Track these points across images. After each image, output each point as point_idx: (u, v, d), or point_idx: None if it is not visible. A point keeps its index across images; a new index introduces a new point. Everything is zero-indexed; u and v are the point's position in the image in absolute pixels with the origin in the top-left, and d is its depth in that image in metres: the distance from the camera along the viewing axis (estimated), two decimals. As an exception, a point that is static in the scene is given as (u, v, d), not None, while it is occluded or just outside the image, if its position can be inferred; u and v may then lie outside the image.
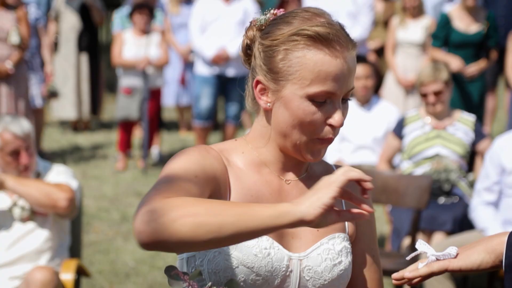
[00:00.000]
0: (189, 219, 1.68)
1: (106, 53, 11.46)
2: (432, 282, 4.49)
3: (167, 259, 6.09)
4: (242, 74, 8.46)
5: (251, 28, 2.00)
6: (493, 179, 4.77)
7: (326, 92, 1.89)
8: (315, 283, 1.97)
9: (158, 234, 1.68)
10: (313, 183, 1.96)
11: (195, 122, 8.70)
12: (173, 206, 1.70)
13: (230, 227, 1.69)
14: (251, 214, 1.70)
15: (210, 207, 1.70)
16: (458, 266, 1.80)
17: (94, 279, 5.66)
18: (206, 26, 8.37)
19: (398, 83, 8.16)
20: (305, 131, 1.92)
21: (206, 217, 1.68)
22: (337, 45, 1.89)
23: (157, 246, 1.70)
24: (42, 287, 3.99)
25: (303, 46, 1.89)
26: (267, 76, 1.94)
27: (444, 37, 7.45)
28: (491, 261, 1.79)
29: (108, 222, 6.99)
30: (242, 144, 2.03)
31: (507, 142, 4.79)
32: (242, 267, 1.89)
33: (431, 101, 5.51)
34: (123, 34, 8.81)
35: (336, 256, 2.00)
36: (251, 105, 2.03)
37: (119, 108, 8.69)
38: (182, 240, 1.68)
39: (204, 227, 1.68)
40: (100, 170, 8.77)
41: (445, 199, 5.35)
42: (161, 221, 1.68)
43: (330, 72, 1.88)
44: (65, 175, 4.33)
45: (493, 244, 1.79)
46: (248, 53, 2.02)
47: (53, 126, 10.90)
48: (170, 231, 1.68)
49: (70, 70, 10.00)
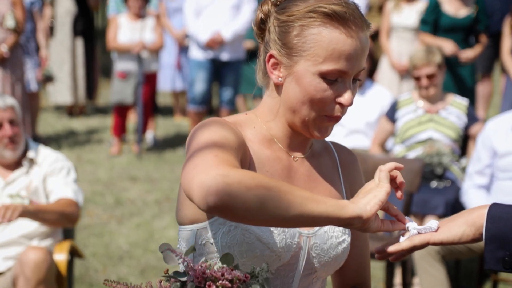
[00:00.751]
0: (263, 191, 1.70)
1: (102, 38, 11.47)
2: (424, 266, 4.50)
3: (160, 242, 6.11)
4: (236, 58, 8.47)
5: (266, 3, 2.01)
6: (485, 162, 4.79)
7: (338, 70, 1.91)
8: (321, 260, 2.01)
9: (231, 199, 1.68)
10: (316, 161, 2.05)
11: (189, 107, 8.71)
12: (249, 176, 1.71)
13: (297, 208, 1.72)
14: (316, 200, 1.74)
15: (282, 185, 1.73)
16: (439, 239, 1.82)
17: (88, 261, 5.68)
18: (200, 10, 8.36)
19: (392, 67, 8.16)
20: (314, 108, 1.94)
21: (278, 193, 1.71)
22: (353, 25, 1.91)
23: (222, 209, 1.70)
24: (36, 267, 4.00)
25: (319, 23, 1.90)
26: (281, 51, 1.95)
27: (434, 22, 7.44)
28: (472, 233, 1.81)
29: (102, 206, 7.01)
30: (253, 119, 2.04)
31: (499, 125, 4.81)
32: (258, 243, 1.91)
33: (424, 84, 5.52)
34: (118, 18, 8.80)
35: (341, 234, 2.04)
36: (261, 79, 2.05)
37: (113, 92, 8.69)
38: (250, 210, 1.70)
39: (274, 203, 1.70)
40: (95, 154, 8.78)
41: (438, 183, 5.37)
42: (236, 187, 1.68)
43: (344, 51, 1.90)
44: (67, 180, 4.31)
45: (473, 217, 1.81)
46: (262, 27, 2.03)
47: (49, 111, 10.90)
48: (243, 198, 1.69)
49: (66, 54, 9.99)
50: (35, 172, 4.32)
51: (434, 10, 7.44)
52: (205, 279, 1.76)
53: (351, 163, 2.15)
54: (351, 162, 2.15)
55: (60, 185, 4.29)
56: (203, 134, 1.86)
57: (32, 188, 4.29)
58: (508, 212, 1.78)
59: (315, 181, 2.06)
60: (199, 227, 1.96)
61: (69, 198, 4.25)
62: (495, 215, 1.78)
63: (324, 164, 2.10)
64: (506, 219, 1.77)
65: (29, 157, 4.33)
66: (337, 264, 2.05)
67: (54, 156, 4.38)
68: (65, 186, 4.29)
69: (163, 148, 9.13)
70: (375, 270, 5.44)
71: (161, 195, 7.35)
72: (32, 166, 4.34)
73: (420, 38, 7.58)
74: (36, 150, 4.37)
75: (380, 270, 5.49)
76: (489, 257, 1.78)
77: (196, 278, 1.76)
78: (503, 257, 1.77)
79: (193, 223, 1.97)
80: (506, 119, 4.81)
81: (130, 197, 7.30)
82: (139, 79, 8.58)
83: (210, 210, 1.71)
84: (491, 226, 1.78)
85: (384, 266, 4.84)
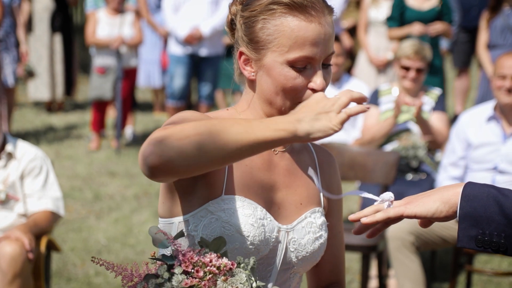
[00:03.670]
0: (194, 138, 1.74)
1: (80, 34, 11.43)
2: (399, 258, 4.54)
3: (139, 237, 6.13)
4: (215, 53, 8.48)
5: (234, 3, 2.06)
6: (459, 154, 4.84)
7: (305, 57, 1.95)
8: (298, 255, 2.04)
9: (166, 153, 1.73)
10: (296, 156, 2.08)
11: (168, 102, 8.71)
12: (178, 129, 1.76)
13: (234, 144, 1.75)
14: (251, 131, 1.76)
15: (213, 125, 1.76)
16: (413, 212, 1.85)
17: (66, 256, 5.68)
18: (179, 5, 8.36)
19: (370, 62, 8.20)
20: (288, 97, 1.98)
21: (210, 136, 1.74)
22: (312, 11, 1.95)
23: (165, 168, 1.74)
24: (12, 261, 4.00)
25: (280, 14, 1.95)
26: (249, 47, 1.99)
27: (399, 16, 7.49)
28: (445, 210, 1.84)
29: (81, 201, 7.01)
30: (234, 114, 2.07)
31: (473, 118, 4.86)
32: (238, 235, 1.94)
33: (412, 76, 5.52)
34: (97, 13, 8.79)
35: (318, 230, 2.07)
36: (238, 77, 2.09)
37: (92, 88, 8.68)
38: (189, 158, 1.74)
39: (209, 145, 1.74)
40: (74, 150, 8.77)
41: (413, 176, 5.41)
42: (168, 141, 1.74)
43: (307, 37, 1.94)
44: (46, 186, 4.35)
45: (448, 194, 1.84)
46: (233, 28, 2.07)
47: (27, 107, 10.87)
48: (177, 150, 1.73)
49: (44, 50, 9.96)
50: (12, 166, 4.32)
51: (399, 5, 7.49)
52: (193, 264, 1.79)
53: (328, 163, 2.18)
54: (328, 162, 2.18)
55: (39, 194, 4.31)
56: (168, 120, 1.93)
57: (9, 182, 4.29)
58: (483, 191, 1.81)
59: (294, 175, 2.08)
60: (180, 220, 1.98)
61: (49, 211, 4.31)
62: (469, 194, 1.81)
63: (303, 160, 2.13)
64: (480, 198, 1.80)
65: (7, 151, 4.32)
66: (314, 259, 2.08)
67: (33, 152, 4.37)
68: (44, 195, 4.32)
69: (142, 143, 9.09)
70: (351, 262, 5.48)
71: (139, 190, 7.36)
72: (10, 160, 4.33)
73: (389, 35, 7.62)
74: (14, 145, 4.36)
75: (356, 262, 5.52)
76: (462, 235, 1.81)
77: (184, 263, 1.79)
78: (476, 236, 1.80)
79: (175, 216, 2.00)
80: (480, 111, 4.87)
81: (108, 192, 7.30)
82: (118, 74, 8.58)
83: (156, 173, 1.75)
84: (465, 204, 1.81)
85: (360, 258, 4.88)
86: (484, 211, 1.79)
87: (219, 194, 1.96)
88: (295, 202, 2.06)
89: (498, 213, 1.79)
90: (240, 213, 1.94)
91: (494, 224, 1.78)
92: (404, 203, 1.87)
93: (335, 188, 2.17)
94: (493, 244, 1.79)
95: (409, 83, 5.54)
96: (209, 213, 1.94)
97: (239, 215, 1.94)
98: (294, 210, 2.05)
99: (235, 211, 1.94)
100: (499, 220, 1.78)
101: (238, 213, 1.94)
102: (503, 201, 1.80)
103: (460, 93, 9.72)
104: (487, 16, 7.90)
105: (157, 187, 7.36)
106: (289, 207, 2.05)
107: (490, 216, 1.79)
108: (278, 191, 2.04)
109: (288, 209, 2.05)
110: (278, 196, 2.04)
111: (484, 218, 1.79)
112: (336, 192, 2.16)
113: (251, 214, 1.95)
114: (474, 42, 8.77)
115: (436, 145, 5.46)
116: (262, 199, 2.00)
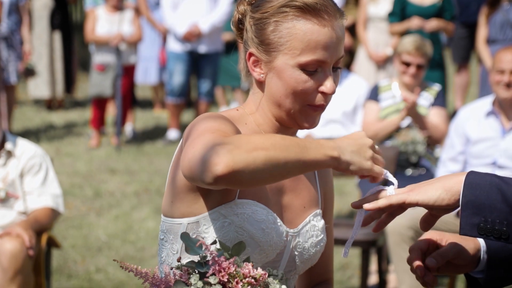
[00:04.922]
0: (262, 152, 1.75)
1: (79, 32, 11.43)
2: (399, 252, 4.55)
3: (139, 234, 6.14)
4: (214, 50, 8.49)
5: (242, 3, 2.05)
6: (458, 149, 4.84)
7: (316, 60, 1.95)
8: (302, 258, 2.07)
9: (236, 164, 1.73)
10: None
11: (168, 99, 8.72)
12: (244, 140, 1.77)
13: (294, 163, 1.78)
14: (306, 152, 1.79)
15: (276, 142, 1.78)
16: (415, 200, 1.86)
17: (67, 252, 5.70)
18: (178, 2, 8.37)
19: (369, 58, 8.20)
20: (297, 99, 1.98)
21: (274, 152, 1.76)
22: (325, 15, 1.95)
23: (232, 178, 1.74)
24: (12, 257, 4.01)
25: (292, 17, 1.95)
26: (259, 48, 1.99)
27: (400, 12, 7.50)
28: (447, 198, 1.84)
29: (81, 198, 7.03)
30: (244, 115, 2.07)
31: (472, 113, 4.86)
32: (250, 240, 1.94)
33: (413, 72, 5.52)
34: (96, 10, 8.80)
35: (320, 233, 2.09)
36: (245, 78, 2.09)
37: (92, 85, 8.69)
38: (255, 171, 1.75)
39: (273, 161, 1.76)
40: (74, 147, 8.78)
41: (412, 171, 5.42)
42: (237, 152, 1.74)
43: (320, 41, 1.95)
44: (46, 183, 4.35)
45: (451, 182, 1.85)
46: (240, 27, 2.07)
47: (27, 105, 10.88)
48: (246, 162, 1.74)
49: (43, 48, 9.97)
50: (12, 164, 4.33)
51: (401, 0, 7.50)
52: (230, 274, 1.76)
53: (326, 173, 2.19)
54: (326, 172, 2.19)
55: (38, 191, 4.32)
56: (203, 123, 1.90)
57: (8, 180, 4.30)
58: (485, 180, 1.82)
59: (298, 177, 2.09)
60: (190, 221, 1.97)
61: (49, 207, 4.31)
62: (472, 182, 1.82)
63: None
64: (483, 186, 1.81)
65: (6, 149, 4.33)
66: (313, 261, 2.10)
67: (33, 150, 4.38)
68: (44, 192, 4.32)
69: (142, 140, 9.14)
70: (352, 257, 5.48)
71: (140, 187, 7.37)
72: (10, 158, 4.34)
73: (390, 30, 7.63)
74: (14, 143, 4.36)
75: (356, 258, 5.53)
76: (465, 222, 1.82)
77: (219, 272, 1.76)
78: (478, 223, 1.80)
79: (185, 217, 1.98)
80: (479, 106, 4.87)
81: (109, 189, 7.31)
82: (117, 71, 8.58)
83: (218, 181, 1.74)
84: (468, 192, 1.81)
85: (360, 253, 4.89)
86: (487, 198, 1.80)
87: (233, 197, 1.95)
88: (299, 205, 2.07)
89: (500, 201, 1.80)
90: (253, 219, 1.95)
91: (497, 212, 1.79)
92: (406, 190, 1.88)
93: (330, 197, 2.19)
94: (495, 231, 1.80)
95: (409, 79, 5.53)
96: (221, 216, 1.94)
97: (252, 221, 1.95)
98: (298, 213, 2.07)
99: (249, 216, 1.94)
100: (501, 208, 1.80)
101: (251, 218, 1.94)
102: (506, 189, 1.81)
103: (460, 88, 9.72)
104: (486, 11, 7.90)
105: (157, 184, 7.38)
106: (294, 210, 2.06)
107: (493, 204, 1.80)
108: (285, 194, 2.06)
109: (293, 212, 2.06)
110: (285, 199, 2.05)
111: (487, 206, 1.80)
112: (330, 190, 2.18)
113: (263, 220, 1.96)
114: (472, 38, 8.76)
115: (434, 141, 5.47)
116: (272, 203, 2.01)
